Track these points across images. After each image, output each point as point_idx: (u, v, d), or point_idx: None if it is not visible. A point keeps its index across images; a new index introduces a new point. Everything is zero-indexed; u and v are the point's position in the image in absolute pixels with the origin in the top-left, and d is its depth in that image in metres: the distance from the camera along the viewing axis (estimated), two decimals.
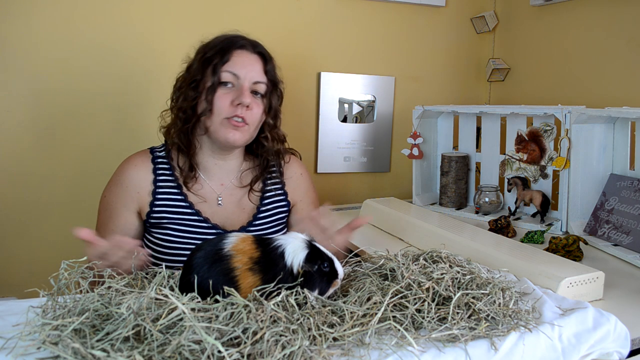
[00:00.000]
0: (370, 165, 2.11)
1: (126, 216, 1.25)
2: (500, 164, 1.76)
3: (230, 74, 1.22)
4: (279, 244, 0.80)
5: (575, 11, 1.89)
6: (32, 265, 1.63)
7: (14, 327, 0.73)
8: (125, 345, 0.65)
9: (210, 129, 1.23)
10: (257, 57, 1.26)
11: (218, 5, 1.78)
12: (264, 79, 1.25)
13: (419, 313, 0.77)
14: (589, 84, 1.85)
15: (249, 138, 1.27)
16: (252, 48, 1.26)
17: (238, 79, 1.22)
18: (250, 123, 1.23)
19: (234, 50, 1.24)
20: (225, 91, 1.22)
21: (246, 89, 1.22)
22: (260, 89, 1.25)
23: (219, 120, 1.22)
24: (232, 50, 1.24)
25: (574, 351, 0.77)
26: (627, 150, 1.47)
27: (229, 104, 1.21)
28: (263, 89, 1.25)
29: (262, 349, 0.64)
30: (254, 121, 1.24)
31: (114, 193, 1.26)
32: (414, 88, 2.15)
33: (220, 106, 1.21)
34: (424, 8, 2.12)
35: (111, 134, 1.70)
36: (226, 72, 1.22)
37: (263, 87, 1.25)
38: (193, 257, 0.79)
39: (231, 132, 1.21)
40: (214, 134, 1.23)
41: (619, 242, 1.35)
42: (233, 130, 1.21)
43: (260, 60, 1.26)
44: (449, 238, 1.26)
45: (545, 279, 1.01)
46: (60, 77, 1.62)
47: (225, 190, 1.31)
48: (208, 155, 1.29)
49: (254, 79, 1.23)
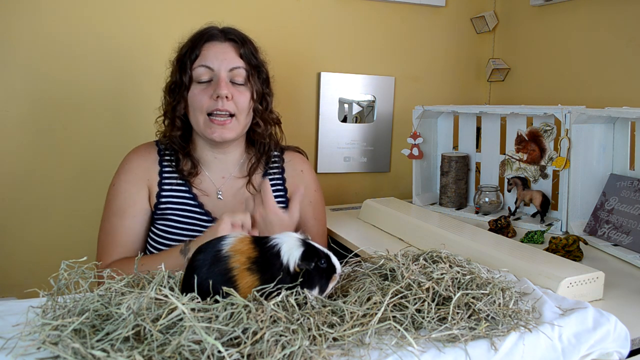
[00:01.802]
0: (370, 165, 2.11)
1: (142, 203, 1.25)
2: (500, 164, 1.76)
3: (203, 67, 1.20)
4: (274, 243, 0.80)
5: (575, 11, 1.89)
6: (32, 265, 1.63)
7: (14, 327, 0.73)
8: (125, 345, 0.65)
9: (197, 129, 1.23)
10: (229, 44, 1.23)
11: (218, 5, 1.78)
12: (241, 63, 1.22)
13: (419, 313, 0.77)
14: (589, 84, 1.85)
15: (239, 131, 1.24)
16: (223, 36, 1.23)
17: (213, 71, 1.20)
18: (237, 113, 1.21)
19: (204, 44, 1.21)
20: (204, 87, 1.20)
21: (223, 79, 1.19)
22: (239, 75, 1.22)
23: (202, 119, 1.20)
24: (201, 44, 1.21)
25: (574, 351, 0.77)
26: (627, 150, 1.47)
27: (208, 98, 1.19)
28: (242, 74, 1.22)
29: (262, 349, 0.64)
30: (241, 109, 1.22)
31: (125, 180, 1.25)
32: (414, 88, 2.15)
33: (199, 103, 1.19)
34: (424, 8, 2.12)
35: (111, 133, 1.70)
36: (199, 67, 1.20)
37: (242, 72, 1.22)
38: (194, 259, 0.80)
39: (216, 132, 1.20)
40: (202, 134, 1.23)
41: (619, 242, 1.35)
42: (219, 128, 1.20)
43: (233, 46, 1.23)
44: (449, 238, 1.26)
45: (545, 279, 1.01)
46: (59, 77, 1.62)
47: (225, 183, 1.31)
48: (207, 150, 1.29)
49: (229, 66, 1.20)
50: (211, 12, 1.75)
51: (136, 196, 1.25)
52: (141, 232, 1.26)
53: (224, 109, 1.18)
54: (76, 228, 1.68)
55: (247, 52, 1.24)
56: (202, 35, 1.23)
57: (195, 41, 1.22)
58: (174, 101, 1.23)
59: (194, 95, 1.20)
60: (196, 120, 1.22)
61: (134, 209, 1.24)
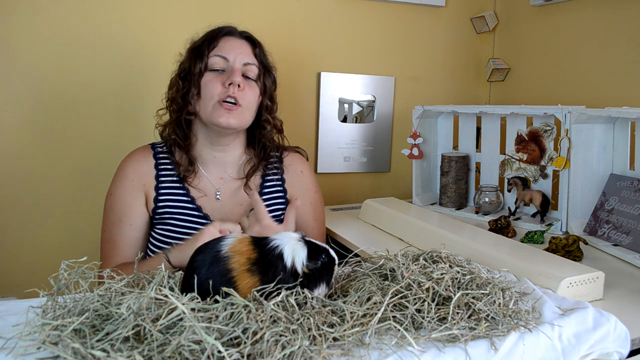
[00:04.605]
0: (370, 165, 2.11)
1: (139, 210, 1.25)
2: (500, 164, 1.76)
3: (219, 57, 1.23)
4: (275, 244, 0.80)
5: (575, 11, 1.89)
6: (32, 265, 1.63)
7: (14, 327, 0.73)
8: (125, 345, 0.65)
9: (203, 115, 1.23)
10: (245, 42, 1.28)
11: (218, 5, 1.78)
12: (255, 61, 1.27)
13: (419, 313, 0.77)
14: (589, 84, 1.85)
15: (245, 122, 1.26)
16: (240, 34, 1.29)
17: (228, 61, 1.24)
18: (243, 105, 1.22)
19: (222, 37, 1.26)
20: (217, 74, 1.23)
21: (237, 70, 1.23)
22: (251, 71, 1.26)
23: (211, 105, 1.21)
24: (219, 37, 1.26)
25: (573, 351, 0.77)
26: (627, 150, 1.47)
27: (220, 86, 1.21)
28: (255, 71, 1.26)
29: (262, 349, 0.64)
30: (248, 103, 1.24)
31: (121, 188, 1.26)
32: (413, 88, 2.15)
33: (211, 89, 1.21)
34: (423, 8, 2.12)
35: (112, 133, 1.70)
36: (215, 56, 1.23)
37: (254, 68, 1.26)
38: (194, 260, 0.80)
39: (224, 116, 1.21)
40: (208, 119, 1.23)
41: (619, 242, 1.35)
42: (226, 113, 1.21)
43: (249, 44, 1.29)
44: (449, 238, 1.26)
45: (545, 279, 1.01)
46: (60, 77, 1.62)
47: (224, 184, 1.31)
48: (206, 147, 1.29)
49: (243, 61, 1.25)
50: (212, 12, 1.76)
51: (133, 203, 1.25)
52: (140, 237, 1.27)
53: (234, 96, 1.21)
54: (76, 228, 1.68)
55: (260, 53, 1.30)
56: (220, 29, 1.28)
57: (214, 34, 1.27)
58: (185, 87, 1.24)
59: (206, 82, 1.23)
60: (205, 106, 1.23)
61: (130, 217, 1.25)
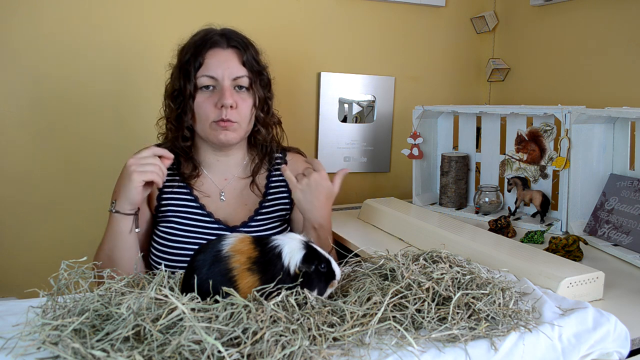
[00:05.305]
0: (370, 165, 2.11)
1: (143, 208, 1.25)
2: (500, 164, 1.76)
3: (207, 77, 1.21)
4: (276, 244, 0.80)
5: (575, 11, 1.89)
6: (32, 265, 1.63)
7: (14, 327, 0.73)
8: (125, 345, 0.65)
9: (202, 134, 1.25)
10: (232, 51, 1.24)
11: (218, 6, 1.78)
12: (244, 72, 1.23)
13: (419, 313, 0.77)
14: (589, 84, 1.85)
15: (243, 134, 1.27)
16: (226, 42, 1.24)
17: (217, 80, 1.21)
18: (239, 121, 1.23)
19: (207, 52, 1.22)
20: (208, 94, 1.21)
21: (227, 89, 1.20)
22: (242, 83, 1.23)
23: (207, 125, 1.22)
24: (204, 52, 1.22)
25: (573, 351, 0.77)
26: (627, 150, 1.47)
27: (213, 107, 1.20)
28: (246, 82, 1.24)
29: (262, 349, 0.64)
30: (244, 117, 1.24)
31: None
32: (413, 88, 2.15)
33: (205, 111, 1.21)
34: (423, 8, 2.12)
35: (112, 133, 1.70)
36: (202, 76, 1.21)
37: (245, 80, 1.24)
38: (194, 259, 0.80)
39: (222, 134, 1.21)
40: (206, 138, 1.25)
41: (619, 242, 1.35)
42: (223, 131, 1.21)
43: (236, 53, 1.24)
44: (449, 238, 1.26)
45: (545, 279, 1.01)
46: (60, 77, 1.62)
47: (228, 185, 1.31)
48: (209, 152, 1.30)
49: (232, 75, 1.22)
50: (211, 12, 1.75)
51: None
52: (142, 234, 1.27)
53: (228, 118, 1.20)
54: (76, 228, 1.68)
55: (250, 58, 1.25)
56: (204, 42, 1.23)
57: (198, 48, 1.22)
58: (178, 109, 1.24)
59: (199, 104, 1.22)
60: (202, 126, 1.23)
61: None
